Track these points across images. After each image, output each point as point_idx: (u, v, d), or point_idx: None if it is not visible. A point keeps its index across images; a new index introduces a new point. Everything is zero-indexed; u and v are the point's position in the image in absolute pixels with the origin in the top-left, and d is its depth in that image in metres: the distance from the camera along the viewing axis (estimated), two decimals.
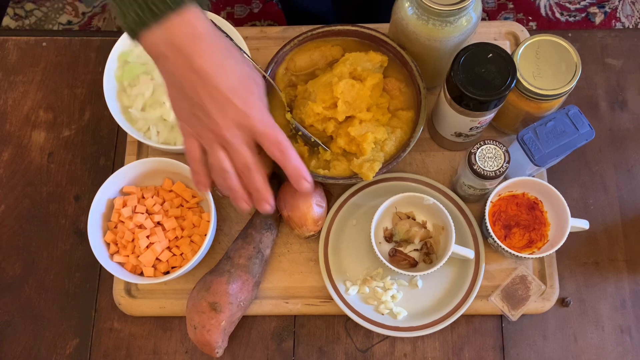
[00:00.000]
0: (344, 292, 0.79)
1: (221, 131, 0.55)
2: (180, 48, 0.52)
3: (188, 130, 0.57)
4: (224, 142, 0.56)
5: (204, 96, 0.53)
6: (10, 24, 1.79)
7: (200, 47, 0.52)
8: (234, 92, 0.54)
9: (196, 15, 0.53)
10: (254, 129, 0.56)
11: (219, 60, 0.53)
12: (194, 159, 0.59)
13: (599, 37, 0.93)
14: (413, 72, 0.79)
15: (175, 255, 0.79)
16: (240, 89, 0.54)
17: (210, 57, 0.53)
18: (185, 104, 0.55)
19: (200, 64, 0.52)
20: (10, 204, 0.88)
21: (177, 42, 0.52)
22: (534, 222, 0.78)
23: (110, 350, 0.81)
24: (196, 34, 0.52)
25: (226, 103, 0.54)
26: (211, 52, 0.53)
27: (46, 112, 0.93)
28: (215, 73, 0.53)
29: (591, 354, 0.79)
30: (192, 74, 0.53)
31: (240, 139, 0.56)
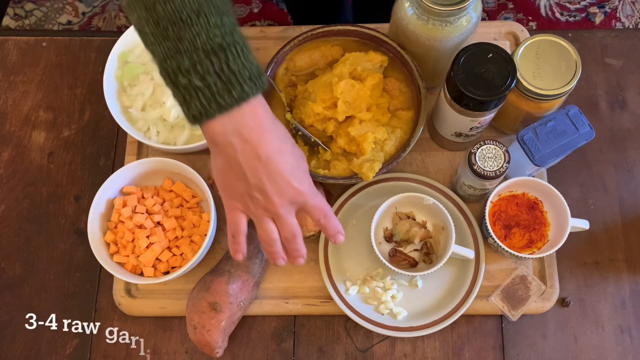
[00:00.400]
0: (344, 292, 0.79)
1: (277, 209, 0.59)
2: (247, 138, 0.55)
3: (236, 206, 0.61)
4: (275, 217, 0.61)
5: (265, 179, 0.57)
6: (10, 24, 1.78)
7: (264, 137, 0.56)
8: (291, 174, 0.59)
9: (260, 105, 0.57)
10: (307, 204, 0.61)
11: (278, 147, 0.58)
12: (240, 232, 0.63)
13: (599, 37, 0.93)
14: (413, 72, 0.79)
15: (175, 255, 0.79)
16: (295, 170, 0.59)
17: (273, 145, 0.57)
18: (243, 186, 0.59)
19: (265, 152, 0.56)
20: (10, 204, 0.88)
21: (244, 132, 0.55)
22: (534, 222, 0.78)
23: (110, 351, 0.81)
24: (261, 124, 0.56)
25: (285, 185, 0.58)
26: (273, 140, 0.57)
27: (46, 112, 0.93)
28: (276, 159, 0.57)
29: (591, 354, 0.79)
30: (256, 160, 0.56)
31: (291, 213, 0.61)
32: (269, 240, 0.62)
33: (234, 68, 0.54)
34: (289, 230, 0.61)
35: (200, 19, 0.53)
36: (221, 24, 0.54)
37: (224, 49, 0.53)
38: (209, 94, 0.54)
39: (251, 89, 0.54)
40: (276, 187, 0.58)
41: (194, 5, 0.53)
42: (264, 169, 0.57)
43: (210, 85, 0.53)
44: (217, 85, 0.53)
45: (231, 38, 0.54)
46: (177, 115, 0.82)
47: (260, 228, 0.62)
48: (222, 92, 0.54)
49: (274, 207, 0.59)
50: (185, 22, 0.53)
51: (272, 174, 0.57)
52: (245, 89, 0.54)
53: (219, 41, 0.53)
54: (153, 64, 0.84)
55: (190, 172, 0.79)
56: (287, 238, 0.62)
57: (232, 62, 0.53)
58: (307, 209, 0.62)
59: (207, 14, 0.53)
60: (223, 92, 0.54)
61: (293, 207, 0.61)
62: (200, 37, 0.53)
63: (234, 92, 0.54)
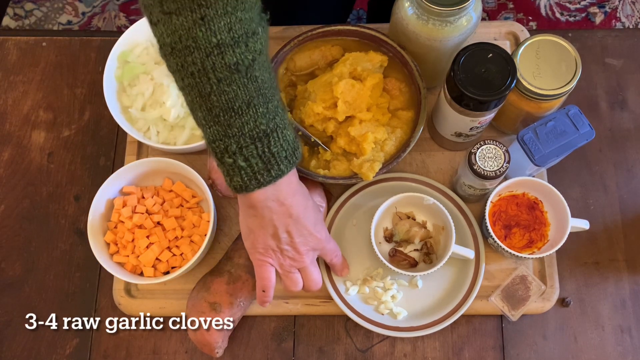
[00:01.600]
0: (344, 292, 0.79)
1: (302, 257, 0.69)
2: (283, 202, 0.63)
3: (267, 261, 0.68)
4: (301, 266, 0.70)
5: (294, 234, 0.66)
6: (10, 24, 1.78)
7: (296, 198, 0.65)
8: (314, 226, 0.68)
9: (294, 174, 0.65)
10: (324, 250, 0.72)
11: (304, 205, 0.66)
12: (271, 286, 0.70)
13: (599, 37, 0.93)
14: (413, 72, 0.79)
15: (175, 255, 0.79)
16: (317, 222, 0.69)
17: (300, 204, 0.65)
18: (273, 242, 0.66)
19: (296, 212, 0.65)
20: (10, 204, 0.88)
21: (280, 197, 0.63)
22: (534, 222, 0.78)
23: (110, 351, 0.81)
24: (294, 189, 0.64)
25: (309, 236, 0.68)
26: (300, 200, 0.66)
27: (46, 112, 0.93)
28: (303, 216, 0.66)
29: (591, 354, 0.79)
30: (289, 218, 0.65)
31: (314, 262, 0.71)
32: (293, 290, 0.71)
33: (274, 151, 0.60)
34: (313, 281, 0.71)
35: (250, 109, 0.58)
36: (267, 111, 0.59)
37: (268, 135, 0.59)
38: (251, 172, 0.59)
39: (287, 167, 0.61)
40: (303, 238, 0.67)
41: (245, 97, 0.58)
42: (294, 225, 0.65)
43: (252, 165, 0.59)
44: (258, 166, 0.59)
45: (274, 123, 0.60)
46: (177, 115, 0.82)
47: (287, 279, 0.70)
48: (262, 171, 0.60)
49: (300, 257, 0.68)
50: (237, 112, 0.58)
51: (299, 228, 0.66)
52: (282, 167, 0.60)
53: (264, 128, 0.59)
54: (153, 64, 0.85)
55: (190, 172, 0.79)
56: (309, 287, 0.72)
57: (273, 146, 0.59)
58: (323, 253, 0.73)
59: (257, 105, 0.58)
60: (263, 171, 0.60)
61: (315, 253, 0.71)
62: (249, 125, 0.58)
63: (272, 171, 0.60)
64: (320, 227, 0.70)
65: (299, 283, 0.71)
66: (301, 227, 0.66)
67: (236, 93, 0.57)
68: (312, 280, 0.71)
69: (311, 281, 0.71)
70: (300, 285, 0.71)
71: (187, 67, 0.56)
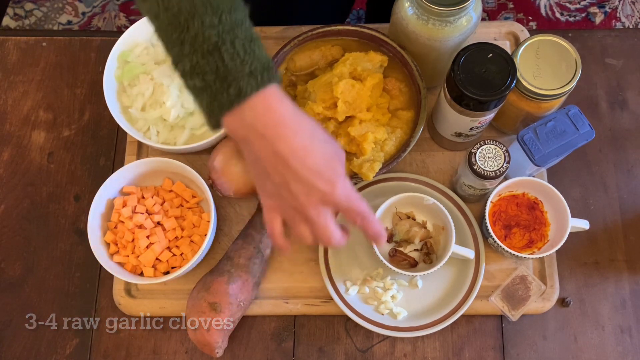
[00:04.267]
0: (344, 292, 0.79)
1: (305, 210, 0.56)
2: (263, 133, 0.53)
3: (271, 204, 0.59)
4: (307, 219, 0.57)
5: (289, 178, 0.55)
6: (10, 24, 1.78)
7: (281, 132, 0.53)
8: (318, 173, 0.55)
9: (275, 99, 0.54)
10: (338, 206, 0.57)
11: (302, 143, 0.54)
12: (277, 234, 0.61)
13: (599, 37, 0.93)
14: (413, 72, 0.79)
15: (175, 256, 0.79)
16: (324, 169, 0.55)
17: (294, 141, 0.54)
18: (270, 185, 0.57)
19: (283, 149, 0.53)
20: (10, 204, 0.88)
21: (258, 127, 0.53)
22: (534, 222, 0.78)
23: (110, 351, 0.81)
24: (277, 118, 0.53)
25: (311, 185, 0.55)
26: (294, 136, 0.54)
27: (46, 112, 0.93)
28: (299, 156, 0.54)
29: (591, 354, 0.79)
30: (275, 157, 0.54)
31: (323, 214, 0.57)
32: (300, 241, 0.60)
33: (230, 65, 0.53)
34: (323, 234, 0.58)
35: (195, 21, 0.53)
36: (218, 22, 0.53)
37: (219, 47, 0.53)
38: (211, 93, 0.54)
39: (250, 85, 0.53)
40: (302, 186, 0.55)
41: (189, 9, 0.53)
42: (285, 167, 0.54)
43: (210, 85, 0.53)
44: (216, 84, 0.53)
45: (229, 35, 0.53)
46: (177, 115, 0.82)
47: (294, 230, 0.60)
48: (221, 91, 0.53)
49: (302, 207, 0.56)
50: (184, 27, 0.53)
51: (294, 172, 0.54)
52: (242, 85, 0.53)
53: (215, 40, 0.53)
54: (153, 64, 0.85)
55: (190, 172, 0.79)
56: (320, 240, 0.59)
57: (227, 59, 0.53)
58: (340, 211, 0.59)
59: (202, 15, 0.53)
60: (222, 90, 0.53)
61: (326, 207, 0.57)
62: (198, 39, 0.53)
63: (231, 89, 0.53)
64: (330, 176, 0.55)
65: (307, 238, 0.59)
66: (297, 172, 0.54)
67: (179, 6, 0.52)
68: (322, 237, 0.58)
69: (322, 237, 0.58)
70: (308, 239, 0.59)
71: None
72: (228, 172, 0.78)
